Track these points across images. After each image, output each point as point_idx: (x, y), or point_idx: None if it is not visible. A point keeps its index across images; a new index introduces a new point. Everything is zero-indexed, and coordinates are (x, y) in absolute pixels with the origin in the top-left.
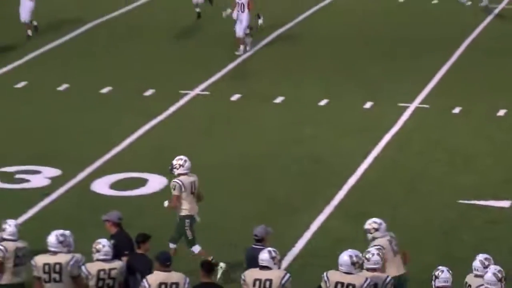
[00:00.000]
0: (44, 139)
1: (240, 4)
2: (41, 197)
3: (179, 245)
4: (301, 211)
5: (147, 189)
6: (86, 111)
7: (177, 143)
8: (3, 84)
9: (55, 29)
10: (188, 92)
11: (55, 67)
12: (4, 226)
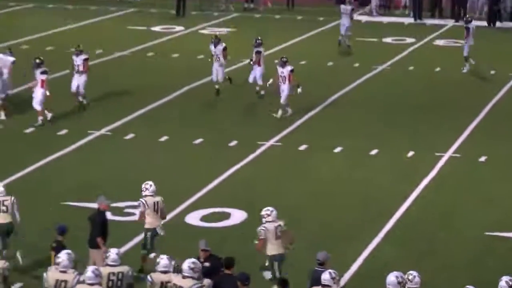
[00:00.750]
0: (146, 180)
1: (283, 77)
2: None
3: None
4: (355, 239)
5: (230, 221)
6: (180, 158)
7: (256, 184)
8: (115, 136)
9: (155, 93)
10: (265, 143)
11: (159, 122)
12: (108, 254)
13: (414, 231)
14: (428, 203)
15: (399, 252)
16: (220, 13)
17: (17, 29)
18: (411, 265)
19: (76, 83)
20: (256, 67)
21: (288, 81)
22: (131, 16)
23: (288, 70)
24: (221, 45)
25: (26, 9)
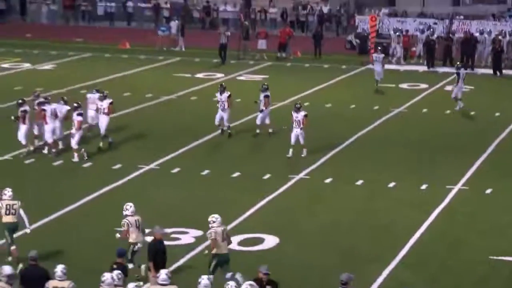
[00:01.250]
0: (188, 209)
1: (297, 121)
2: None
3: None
4: (374, 263)
5: (264, 246)
6: (220, 189)
7: (287, 213)
8: (164, 170)
9: (198, 131)
10: (295, 176)
11: (201, 157)
12: (158, 274)
13: (427, 256)
14: (440, 230)
15: (414, 274)
16: (255, 61)
17: (77, 76)
18: (424, 286)
19: (102, 124)
20: (265, 109)
21: (302, 125)
22: (177, 64)
23: (302, 115)
24: (226, 93)
25: (84, 58)
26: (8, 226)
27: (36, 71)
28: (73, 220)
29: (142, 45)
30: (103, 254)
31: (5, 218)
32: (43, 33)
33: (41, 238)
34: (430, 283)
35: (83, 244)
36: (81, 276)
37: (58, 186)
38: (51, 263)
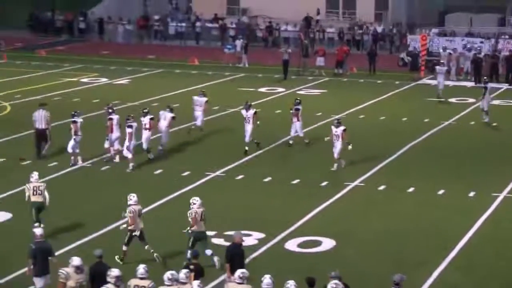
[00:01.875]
0: (254, 212)
1: (336, 135)
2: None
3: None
4: (425, 266)
5: (321, 248)
6: (281, 196)
7: (342, 217)
8: (229, 176)
9: (263, 141)
10: (350, 183)
11: (263, 165)
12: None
13: (475, 259)
14: (487, 235)
15: (463, 277)
16: (314, 77)
17: (150, 90)
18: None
19: (144, 138)
20: (296, 121)
21: (341, 139)
22: (241, 79)
23: (341, 130)
24: (252, 110)
25: (156, 73)
26: (35, 204)
27: (112, 85)
28: (144, 223)
29: (209, 62)
30: (172, 255)
31: (33, 197)
32: (119, 51)
33: (114, 239)
34: (478, 286)
35: (153, 245)
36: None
37: (131, 191)
38: (125, 263)
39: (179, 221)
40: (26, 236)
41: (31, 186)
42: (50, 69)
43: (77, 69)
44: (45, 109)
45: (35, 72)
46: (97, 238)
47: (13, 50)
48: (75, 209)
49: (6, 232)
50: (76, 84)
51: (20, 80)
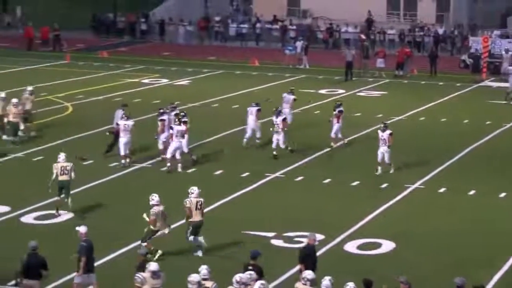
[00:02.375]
0: (313, 213)
1: (383, 139)
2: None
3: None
4: (486, 267)
5: (381, 250)
6: (342, 197)
7: (403, 219)
8: (288, 178)
9: (324, 144)
10: (411, 186)
11: (328, 167)
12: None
13: None
14: None
15: None
16: (374, 79)
17: (210, 91)
18: None
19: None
20: (336, 123)
21: (388, 143)
22: (302, 81)
23: (388, 134)
24: (281, 116)
25: (217, 74)
26: (61, 183)
27: (173, 86)
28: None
29: (270, 63)
30: (231, 255)
31: (60, 177)
32: (180, 52)
33: (176, 239)
34: None
35: (213, 246)
36: (213, 276)
37: None
38: (185, 264)
39: (237, 223)
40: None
41: (58, 166)
42: (111, 70)
43: (138, 70)
44: (124, 110)
45: (97, 73)
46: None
47: (76, 51)
48: (135, 210)
49: (66, 232)
50: (137, 85)
51: (82, 80)
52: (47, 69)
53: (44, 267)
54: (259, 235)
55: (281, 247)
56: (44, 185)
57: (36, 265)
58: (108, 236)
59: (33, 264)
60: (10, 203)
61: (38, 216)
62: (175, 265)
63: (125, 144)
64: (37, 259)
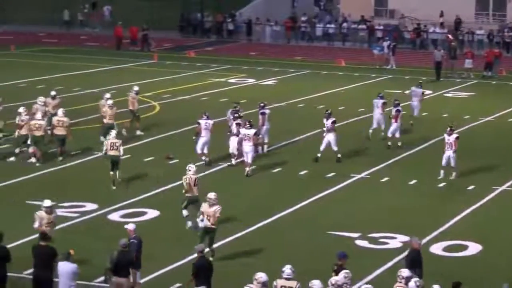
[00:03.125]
0: (399, 214)
1: (449, 143)
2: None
3: None
4: None
5: (467, 252)
6: (426, 198)
7: (490, 222)
8: (374, 178)
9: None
10: (498, 188)
11: (409, 168)
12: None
13: None
14: None
15: None
16: (462, 79)
17: (296, 91)
18: None
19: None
20: (394, 122)
21: (454, 147)
22: (388, 81)
23: (454, 138)
24: (332, 119)
25: (303, 74)
26: (111, 157)
27: (259, 86)
28: (286, 224)
29: (356, 63)
30: (314, 255)
31: (110, 152)
32: (266, 52)
33: (256, 239)
34: None
35: (297, 246)
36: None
37: (276, 192)
38: (263, 263)
39: (321, 223)
40: (173, 234)
41: (109, 142)
42: (198, 70)
43: (224, 69)
44: (237, 107)
45: (184, 72)
46: (243, 236)
47: (163, 50)
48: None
49: (153, 230)
50: (224, 85)
51: (169, 80)
52: (135, 68)
53: (133, 265)
54: (343, 236)
55: (366, 248)
56: (131, 183)
57: (126, 263)
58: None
59: (122, 262)
60: (97, 200)
61: (125, 214)
62: (243, 262)
63: (204, 144)
64: (127, 257)
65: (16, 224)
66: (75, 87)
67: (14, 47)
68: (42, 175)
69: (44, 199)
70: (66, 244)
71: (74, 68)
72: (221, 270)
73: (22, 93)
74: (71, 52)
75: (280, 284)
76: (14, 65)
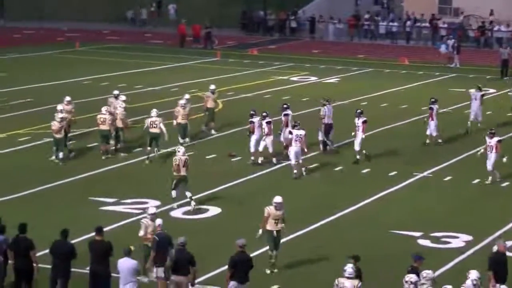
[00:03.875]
0: (461, 214)
1: (490, 146)
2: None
3: None
4: None
5: None
6: (488, 197)
7: None
8: (436, 177)
9: (467, 142)
10: None
11: (471, 167)
12: None
13: None
14: None
15: None
16: None
17: (359, 89)
18: None
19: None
20: (431, 121)
21: (495, 150)
22: (452, 80)
23: (495, 141)
24: (362, 118)
25: (365, 72)
26: (151, 134)
27: (321, 84)
28: (347, 222)
29: (420, 62)
30: (376, 254)
31: (150, 129)
32: (329, 50)
33: (318, 237)
34: None
35: (356, 245)
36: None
37: (338, 190)
38: (324, 261)
39: (382, 222)
40: (235, 230)
41: (149, 121)
42: (261, 67)
43: (287, 67)
44: (330, 103)
45: (247, 70)
46: (304, 235)
47: (226, 48)
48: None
49: (214, 227)
50: (286, 83)
51: (232, 77)
52: (198, 66)
53: (191, 263)
54: (406, 235)
55: (428, 247)
56: (193, 180)
57: (184, 261)
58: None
59: (181, 260)
60: (160, 197)
61: (187, 211)
62: (306, 260)
63: (257, 141)
64: (185, 255)
65: (79, 220)
66: (138, 85)
67: (79, 44)
68: (105, 171)
69: (106, 196)
70: (128, 241)
71: (137, 66)
72: (285, 268)
73: (86, 90)
74: (134, 50)
75: (341, 283)
76: (78, 62)
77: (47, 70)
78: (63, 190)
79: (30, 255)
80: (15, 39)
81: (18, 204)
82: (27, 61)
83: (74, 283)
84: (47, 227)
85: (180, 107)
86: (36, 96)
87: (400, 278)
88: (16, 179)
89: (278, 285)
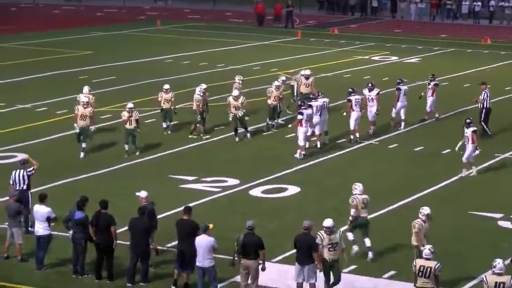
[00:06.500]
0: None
1: (466, 137)
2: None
3: None
4: None
5: None
6: None
7: None
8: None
9: None
10: None
11: None
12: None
13: None
14: None
15: None
16: None
17: (440, 69)
18: None
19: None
20: (430, 97)
21: (471, 142)
22: None
23: (471, 131)
24: (375, 90)
25: (447, 52)
26: (128, 131)
27: (402, 64)
28: (427, 203)
29: (503, 41)
30: (456, 235)
31: (127, 125)
32: (410, 29)
33: (396, 218)
34: None
35: (436, 226)
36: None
37: (418, 170)
38: (402, 243)
39: (463, 202)
40: (313, 209)
41: (125, 114)
42: (341, 47)
43: (368, 47)
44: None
45: (327, 49)
46: (383, 215)
47: (307, 27)
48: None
49: (293, 206)
50: (367, 62)
51: (312, 57)
52: (278, 45)
53: (260, 246)
54: (486, 216)
55: (508, 229)
56: (275, 160)
57: (252, 244)
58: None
59: (249, 244)
60: (240, 176)
61: (266, 189)
62: (384, 240)
63: (356, 120)
64: (254, 239)
65: (159, 198)
66: (219, 63)
67: (160, 22)
68: (186, 149)
69: (186, 174)
70: (206, 219)
71: (217, 45)
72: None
73: (167, 68)
74: (215, 28)
75: (419, 264)
76: (160, 40)
77: (130, 49)
78: (143, 168)
79: (111, 230)
80: (97, 17)
81: (98, 180)
82: (110, 40)
83: (156, 258)
84: (127, 204)
85: (274, 88)
86: (120, 74)
87: (480, 260)
88: (96, 158)
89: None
